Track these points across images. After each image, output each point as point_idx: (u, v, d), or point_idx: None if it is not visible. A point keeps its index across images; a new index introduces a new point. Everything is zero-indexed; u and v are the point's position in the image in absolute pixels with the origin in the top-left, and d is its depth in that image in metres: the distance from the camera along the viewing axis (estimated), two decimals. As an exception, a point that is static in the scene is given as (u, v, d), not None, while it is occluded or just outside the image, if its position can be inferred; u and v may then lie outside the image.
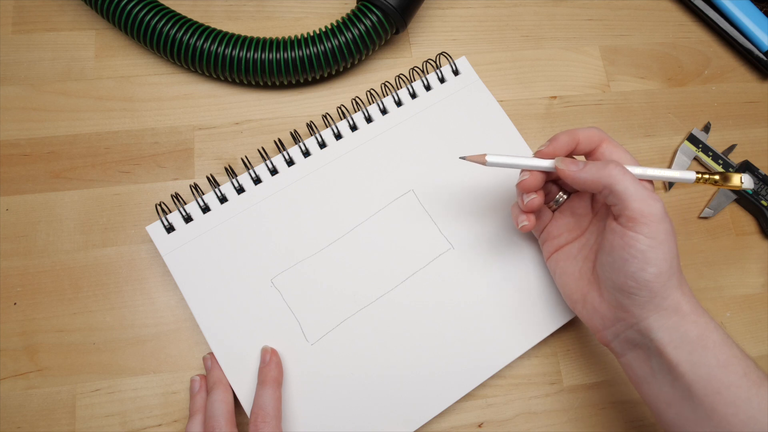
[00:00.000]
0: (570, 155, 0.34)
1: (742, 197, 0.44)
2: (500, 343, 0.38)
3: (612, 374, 0.40)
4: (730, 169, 0.43)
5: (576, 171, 0.32)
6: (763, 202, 0.44)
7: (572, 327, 0.41)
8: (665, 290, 0.30)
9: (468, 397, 0.38)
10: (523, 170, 0.34)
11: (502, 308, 0.38)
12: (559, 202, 0.37)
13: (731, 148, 0.46)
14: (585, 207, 0.36)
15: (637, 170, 0.33)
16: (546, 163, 0.33)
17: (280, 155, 0.40)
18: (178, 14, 0.41)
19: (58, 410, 0.36)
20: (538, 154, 0.33)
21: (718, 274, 0.43)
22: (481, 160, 0.34)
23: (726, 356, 0.29)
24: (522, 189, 0.34)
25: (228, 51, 0.40)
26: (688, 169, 0.45)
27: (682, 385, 0.29)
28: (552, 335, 0.39)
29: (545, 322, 0.38)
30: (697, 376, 0.29)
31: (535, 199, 0.34)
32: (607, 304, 0.32)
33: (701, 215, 0.44)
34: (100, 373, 0.37)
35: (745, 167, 0.44)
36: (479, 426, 0.38)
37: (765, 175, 0.44)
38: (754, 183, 0.44)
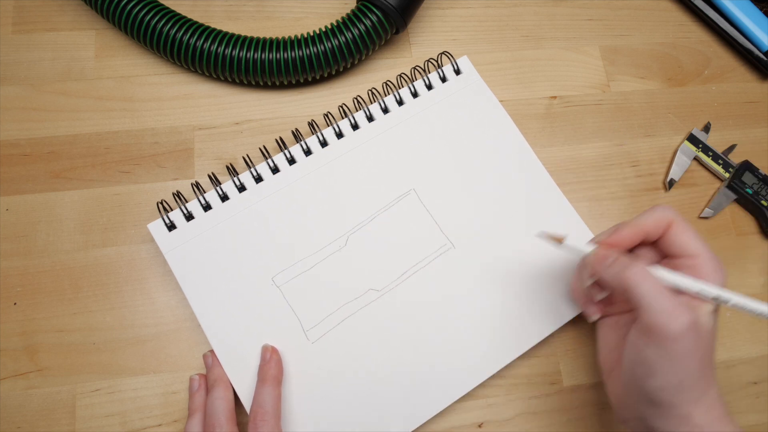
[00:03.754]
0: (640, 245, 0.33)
1: (742, 197, 0.44)
2: (501, 343, 0.38)
3: (612, 374, 0.40)
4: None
5: (601, 270, 0.30)
6: (763, 202, 0.44)
7: (572, 327, 0.41)
8: (671, 402, 0.28)
9: (468, 397, 0.38)
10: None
11: (503, 307, 0.38)
12: None
13: (731, 148, 0.46)
14: None
15: (670, 277, 0.30)
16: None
17: (281, 154, 0.40)
18: (178, 14, 0.41)
19: (58, 410, 0.36)
20: (601, 244, 0.32)
21: (718, 274, 0.43)
22: (558, 240, 0.33)
23: None
24: (601, 285, 0.33)
25: (228, 51, 0.40)
26: (688, 169, 0.45)
27: None
28: (552, 335, 0.39)
29: (545, 321, 0.38)
30: None
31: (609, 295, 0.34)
32: (623, 386, 0.31)
33: (701, 215, 0.44)
34: (100, 373, 0.37)
35: (745, 167, 0.44)
36: (479, 426, 0.38)
37: (765, 175, 0.44)
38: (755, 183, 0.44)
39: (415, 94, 0.42)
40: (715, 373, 0.29)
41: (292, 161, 0.40)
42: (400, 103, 0.42)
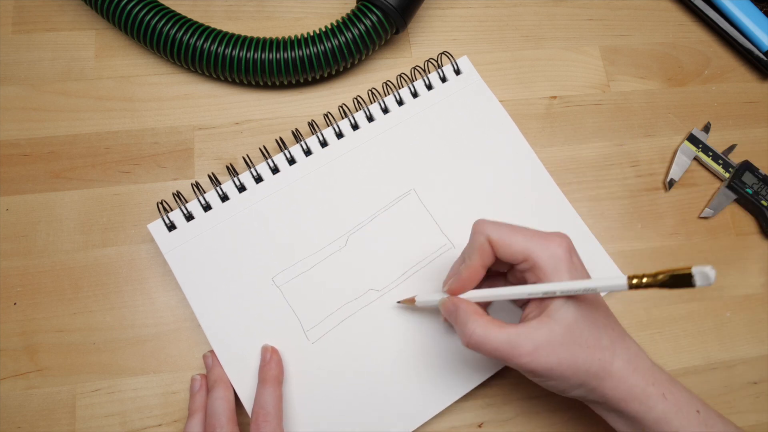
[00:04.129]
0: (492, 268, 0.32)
1: (742, 197, 0.44)
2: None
3: (612, 374, 0.40)
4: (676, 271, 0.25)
5: (453, 324, 0.31)
6: (763, 202, 0.44)
7: (572, 327, 0.40)
8: (582, 387, 0.29)
9: (468, 397, 0.38)
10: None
11: (503, 307, 0.38)
12: None
13: (731, 148, 0.46)
14: None
15: (500, 293, 0.30)
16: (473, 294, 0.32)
17: (281, 154, 0.40)
18: (178, 14, 0.41)
19: (58, 410, 0.36)
20: (450, 292, 0.32)
21: (718, 274, 0.43)
22: (411, 302, 0.35)
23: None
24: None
25: (228, 51, 0.40)
26: (688, 169, 0.45)
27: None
28: (552, 335, 0.39)
29: (545, 321, 0.38)
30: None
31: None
32: None
33: (701, 215, 0.44)
34: (100, 373, 0.37)
35: (745, 167, 0.44)
36: (479, 426, 0.38)
37: (765, 175, 0.44)
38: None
39: (415, 94, 0.42)
40: (611, 347, 0.29)
41: (292, 161, 0.40)
42: (400, 103, 0.42)
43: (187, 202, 0.38)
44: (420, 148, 0.41)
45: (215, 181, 0.38)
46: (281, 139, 0.40)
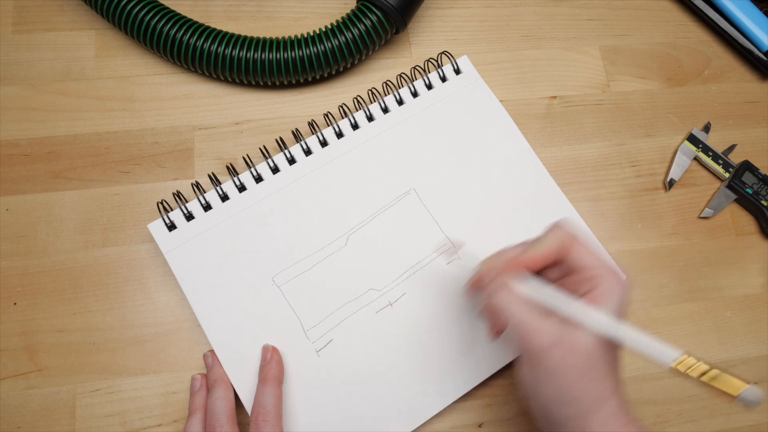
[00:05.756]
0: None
1: (742, 197, 0.44)
2: (501, 342, 0.38)
3: (612, 374, 0.40)
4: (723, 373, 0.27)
5: (481, 291, 0.31)
6: (763, 202, 0.44)
7: (572, 327, 0.41)
8: (563, 417, 0.28)
9: (468, 397, 0.38)
10: None
11: None
12: None
13: (731, 148, 0.46)
14: None
15: (544, 296, 0.29)
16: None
17: (281, 154, 0.40)
18: (178, 14, 0.41)
19: (58, 410, 0.36)
20: (511, 262, 0.31)
21: (718, 274, 0.43)
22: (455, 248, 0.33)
23: None
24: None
25: (228, 51, 0.40)
26: (688, 169, 0.45)
27: None
28: (552, 335, 0.39)
29: (545, 321, 0.38)
30: None
31: None
32: (532, 411, 0.31)
33: (701, 215, 0.44)
34: (100, 373, 0.37)
35: (745, 167, 0.44)
36: (479, 426, 0.38)
37: (765, 175, 0.44)
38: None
39: (415, 94, 0.42)
40: (615, 387, 0.28)
41: (292, 161, 0.40)
42: (400, 102, 0.42)
43: (187, 202, 0.38)
44: (420, 148, 0.41)
45: (215, 181, 0.38)
46: (281, 139, 0.40)
